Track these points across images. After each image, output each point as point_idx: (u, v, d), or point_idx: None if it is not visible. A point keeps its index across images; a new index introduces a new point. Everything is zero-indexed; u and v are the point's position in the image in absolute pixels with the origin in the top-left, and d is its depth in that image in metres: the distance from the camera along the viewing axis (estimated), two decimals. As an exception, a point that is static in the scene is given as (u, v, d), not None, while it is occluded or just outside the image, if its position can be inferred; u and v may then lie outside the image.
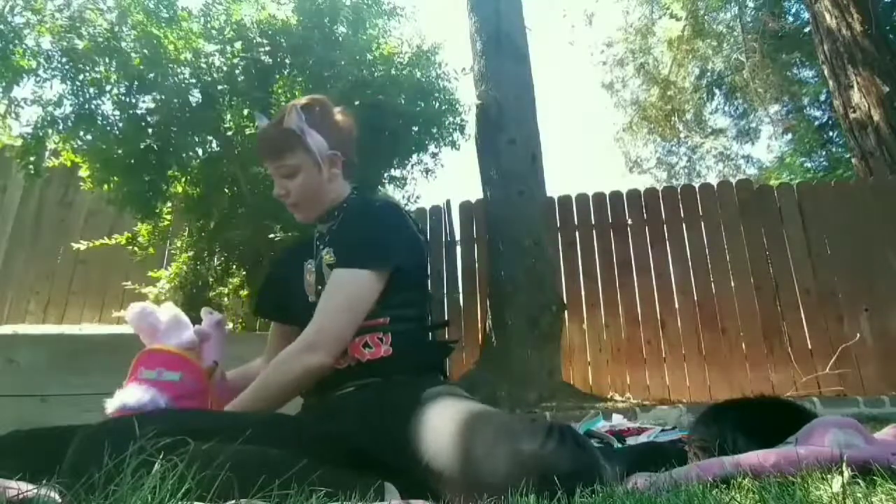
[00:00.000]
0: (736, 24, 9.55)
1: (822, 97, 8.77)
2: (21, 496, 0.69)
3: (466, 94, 3.51)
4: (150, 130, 2.64)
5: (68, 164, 2.79)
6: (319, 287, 1.18)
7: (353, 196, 1.27)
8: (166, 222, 3.14)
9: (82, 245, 3.16)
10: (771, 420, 1.14)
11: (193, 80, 2.63)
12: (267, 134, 1.23)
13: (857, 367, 3.50)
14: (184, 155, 2.77)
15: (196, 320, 1.22)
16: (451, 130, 3.19)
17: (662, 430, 1.78)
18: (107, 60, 2.55)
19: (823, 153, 9.27)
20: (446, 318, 3.74)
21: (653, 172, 11.26)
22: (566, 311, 3.58)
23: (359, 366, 1.10)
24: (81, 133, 2.65)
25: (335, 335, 1.08)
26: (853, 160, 5.56)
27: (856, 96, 5.19)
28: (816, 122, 9.30)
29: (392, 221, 1.18)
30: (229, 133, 2.60)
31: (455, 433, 0.87)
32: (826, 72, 5.69)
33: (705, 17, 9.62)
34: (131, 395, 1.02)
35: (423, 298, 1.25)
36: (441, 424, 0.91)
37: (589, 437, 1.68)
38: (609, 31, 11.63)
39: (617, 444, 1.65)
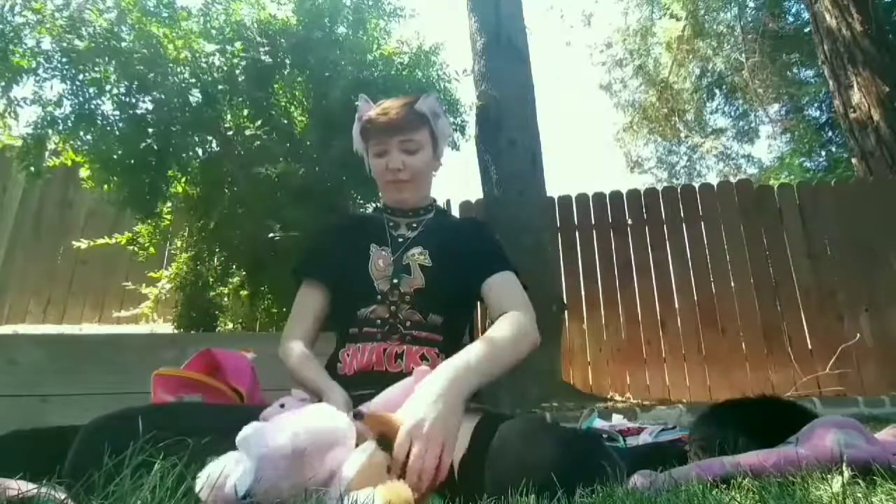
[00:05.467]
0: (736, 24, 9.55)
1: (822, 97, 8.77)
2: (21, 496, 0.69)
3: (467, 95, 3.51)
4: (150, 130, 2.64)
5: (68, 163, 2.79)
6: (395, 280, 1.16)
7: (436, 204, 1.35)
8: (166, 222, 3.14)
9: (83, 244, 3.15)
10: (771, 420, 1.13)
11: (193, 80, 2.62)
12: (398, 109, 1.25)
13: (857, 367, 3.50)
14: (184, 155, 2.77)
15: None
16: (451, 131, 3.19)
17: (663, 430, 1.78)
18: (106, 60, 2.55)
19: (823, 153, 9.28)
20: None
21: (653, 172, 11.28)
22: (566, 311, 3.58)
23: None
24: (81, 133, 2.65)
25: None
26: (853, 160, 5.56)
27: (856, 96, 5.19)
28: (816, 123, 9.30)
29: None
30: (229, 133, 2.60)
31: (475, 442, 0.85)
32: (826, 72, 5.69)
33: (705, 17, 9.62)
34: None
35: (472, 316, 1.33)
36: (465, 432, 0.88)
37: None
38: (608, 32, 11.65)
39: (622, 443, 1.65)
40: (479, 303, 1.27)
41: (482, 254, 1.23)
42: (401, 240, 1.24)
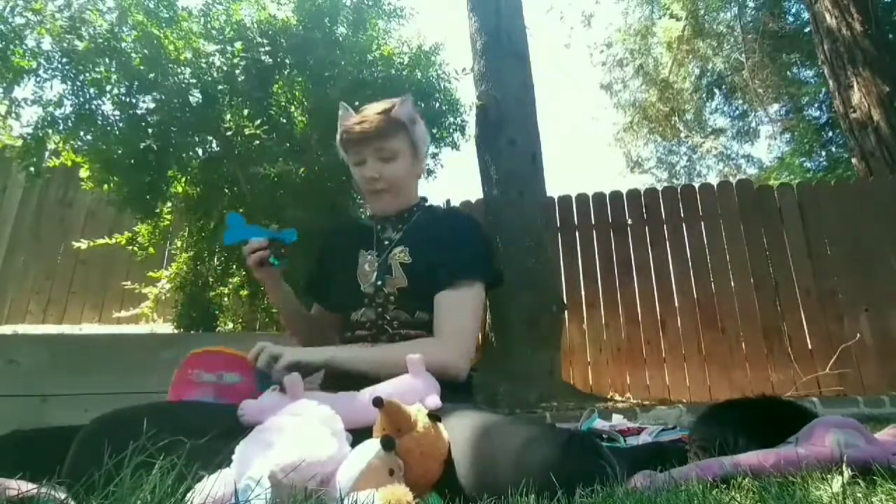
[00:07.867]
0: (736, 24, 9.54)
1: (822, 97, 8.76)
2: (21, 496, 0.69)
3: (467, 95, 3.50)
4: (150, 130, 2.64)
5: (68, 164, 2.79)
6: (379, 282, 1.20)
7: (426, 203, 1.34)
8: (166, 222, 3.14)
9: (83, 244, 3.15)
10: (771, 420, 1.14)
11: (193, 80, 2.62)
12: (372, 117, 1.24)
13: (857, 367, 3.49)
14: (184, 155, 2.77)
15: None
16: (451, 131, 3.19)
17: (663, 430, 1.78)
18: (107, 61, 2.55)
19: (823, 153, 9.27)
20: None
21: (653, 172, 11.29)
22: (566, 311, 3.58)
23: None
24: (81, 133, 2.65)
25: (470, 353, 1.15)
26: (853, 160, 5.56)
27: (856, 96, 5.19)
28: (816, 123, 9.29)
29: (484, 234, 1.30)
30: (229, 133, 2.59)
31: (473, 444, 0.85)
32: (826, 72, 5.69)
33: (705, 17, 9.62)
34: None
35: None
36: (458, 434, 0.88)
37: (596, 437, 1.68)
38: (609, 32, 11.65)
39: (622, 443, 1.65)
40: None
41: (449, 260, 1.19)
42: (387, 242, 1.27)
